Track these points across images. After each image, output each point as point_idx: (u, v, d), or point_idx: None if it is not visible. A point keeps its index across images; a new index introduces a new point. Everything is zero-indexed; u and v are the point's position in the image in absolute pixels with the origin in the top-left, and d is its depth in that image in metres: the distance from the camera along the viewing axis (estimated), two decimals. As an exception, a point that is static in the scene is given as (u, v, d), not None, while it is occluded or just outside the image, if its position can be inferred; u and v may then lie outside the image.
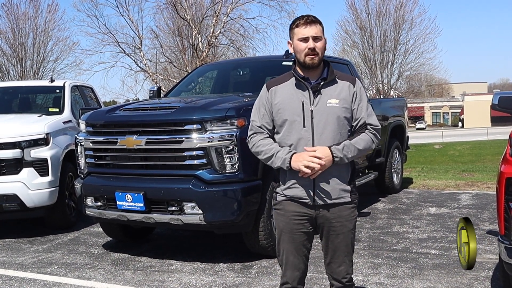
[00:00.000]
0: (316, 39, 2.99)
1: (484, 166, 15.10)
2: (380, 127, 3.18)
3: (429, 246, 5.92)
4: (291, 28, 3.07)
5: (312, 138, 2.98)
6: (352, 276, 3.22)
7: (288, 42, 3.13)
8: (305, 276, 3.21)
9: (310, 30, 2.99)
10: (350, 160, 3.05)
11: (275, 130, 3.12)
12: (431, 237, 6.31)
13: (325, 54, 3.09)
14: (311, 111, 2.99)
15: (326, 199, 3.02)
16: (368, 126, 3.09)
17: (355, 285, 4.70)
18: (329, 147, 2.95)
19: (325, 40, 3.07)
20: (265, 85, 3.18)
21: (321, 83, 3.03)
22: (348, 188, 3.09)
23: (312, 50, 2.98)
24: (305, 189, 3.03)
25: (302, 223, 3.07)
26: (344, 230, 3.09)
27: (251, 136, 3.17)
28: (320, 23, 3.04)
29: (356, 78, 3.19)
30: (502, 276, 4.16)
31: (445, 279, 4.80)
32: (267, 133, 3.12)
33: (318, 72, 3.06)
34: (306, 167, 2.91)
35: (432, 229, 6.75)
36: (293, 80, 3.08)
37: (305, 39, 2.99)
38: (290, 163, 2.96)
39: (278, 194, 3.14)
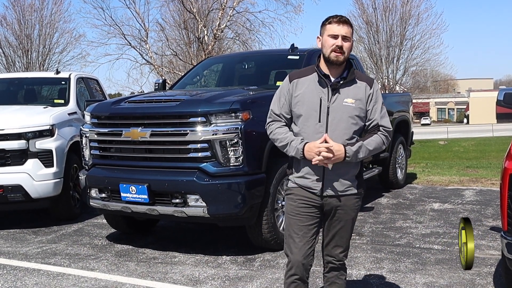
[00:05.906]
0: (345, 38, 3.11)
1: (489, 162, 15.03)
2: (392, 129, 3.30)
3: (432, 241, 5.93)
4: (323, 24, 3.17)
5: (326, 132, 3.09)
6: (346, 260, 3.39)
7: (318, 37, 3.22)
8: (311, 266, 3.27)
9: (342, 29, 3.09)
10: (360, 160, 3.18)
11: (293, 120, 3.24)
12: (434, 233, 6.31)
13: None
14: (328, 108, 3.11)
15: (334, 191, 3.17)
16: (380, 128, 3.21)
17: (358, 280, 4.73)
18: (344, 146, 3.06)
19: (353, 42, 3.19)
20: (288, 76, 3.28)
21: (340, 82, 3.15)
22: (356, 181, 3.23)
23: (340, 48, 3.09)
24: (315, 180, 3.16)
25: (309, 207, 3.19)
26: (347, 217, 3.25)
27: (269, 123, 3.30)
28: (351, 26, 3.17)
29: (374, 80, 3.30)
30: (504, 272, 4.17)
31: (448, 274, 4.81)
32: (284, 122, 3.25)
33: (340, 71, 3.18)
34: (318, 154, 3.01)
35: (435, 224, 6.75)
36: (315, 75, 3.18)
37: (335, 37, 3.10)
38: (303, 153, 3.08)
39: (290, 181, 3.29)
